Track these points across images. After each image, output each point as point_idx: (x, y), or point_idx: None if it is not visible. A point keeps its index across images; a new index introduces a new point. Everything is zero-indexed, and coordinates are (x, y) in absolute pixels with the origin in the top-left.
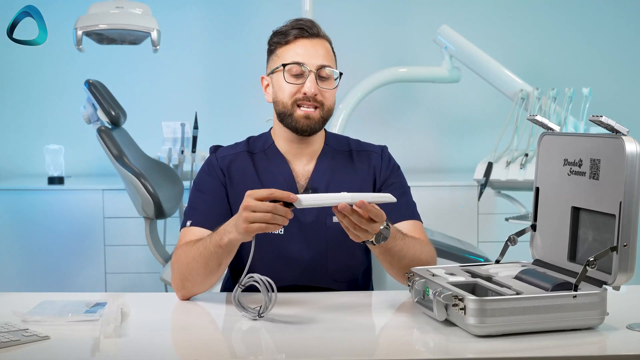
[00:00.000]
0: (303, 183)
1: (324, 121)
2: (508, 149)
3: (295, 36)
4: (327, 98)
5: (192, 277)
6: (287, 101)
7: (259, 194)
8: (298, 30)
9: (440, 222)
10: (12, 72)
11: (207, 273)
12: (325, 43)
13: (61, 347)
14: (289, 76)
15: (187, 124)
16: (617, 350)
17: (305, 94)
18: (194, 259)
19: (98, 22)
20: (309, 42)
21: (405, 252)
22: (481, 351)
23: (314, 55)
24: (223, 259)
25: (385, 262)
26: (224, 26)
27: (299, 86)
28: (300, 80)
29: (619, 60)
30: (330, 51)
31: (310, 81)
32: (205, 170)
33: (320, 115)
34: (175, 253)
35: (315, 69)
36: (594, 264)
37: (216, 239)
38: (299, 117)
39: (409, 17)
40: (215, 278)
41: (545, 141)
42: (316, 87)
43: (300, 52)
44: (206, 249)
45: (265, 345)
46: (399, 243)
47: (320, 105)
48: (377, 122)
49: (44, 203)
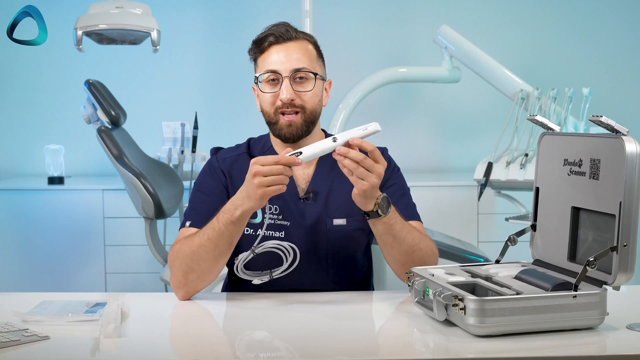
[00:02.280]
0: (304, 186)
1: (308, 125)
2: (508, 149)
3: (269, 43)
4: (307, 101)
5: (198, 265)
6: (269, 110)
7: (266, 160)
8: (272, 36)
9: (440, 222)
10: (12, 72)
11: (216, 256)
12: (303, 44)
13: (61, 347)
14: (265, 85)
15: (187, 124)
16: (617, 350)
17: (281, 100)
18: (200, 246)
19: (98, 22)
20: (282, 48)
21: (405, 234)
22: (481, 351)
23: (287, 60)
24: (234, 236)
25: (386, 244)
26: (224, 26)
27: (276, 94)
28: (276, 87)
29: (619, 60)
30: (308, 51)
31: (285, 87)
32: (207, 171)
33: (303, 120)
34: (173, 249)
35: (289, 74)
36: (594, 264)
37: (226, 217)
38: (282, 125)
39: (409, 17)
40: (223, 262)
41: (545, 141)
42: (291, 92)
43: (274, 60)
44: (214, 230)
45: (265, 345)
46: (399, 222)
47: (302, 109)
48: (377, 122)
49: (44, 203)
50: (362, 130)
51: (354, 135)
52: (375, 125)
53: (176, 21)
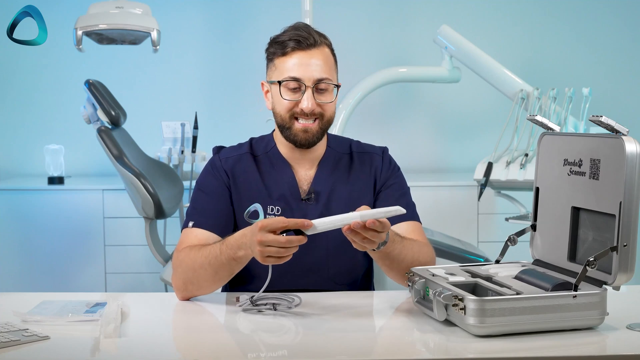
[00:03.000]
0: (306, 187)
1: (323, 132)
2: (508, 149)
3: (292, 48)
4: (327, 110)
5: (198, 282)
6: (285, 115)
7: (273, 226)
8: (295, 42)
9: (440, 222)
10: (12, 72)
11: (216, 281)
12: (324, 50)
13: (61, 347)
14: (285, 91)
15: (187, 124)
16: (617, 350)
17: (302, 110)
18: (202, 267)
19: (98, 22)
20: (305, 55)
21: (404, 255)
22: (481, 351)
23: (311, 69)
24: (235, 270)
25: (385, 266)
26: (224, 26)
27: (296, 101)
28: (297, 94)
29: (619, 60)
30: (329, 58)
31: (308, 97)
32: (209, 171)
33: (320, 127)
34: (179, 254)
35: (312, 84)
36: (594, 264)
37: (229, 253)
38: (297, 130)
39: (409, 17)
40: (223, 284)
41: (545, 141)
42: (313, 103)
43: (297, 66)
44: (217, 259)
45: (266, 345)
46: (397, 247)
47: (320, 116)
48: (377, 122)
49: (44, 203)
50: (385, 213)
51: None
52: (399, 209)
53: (176, 21)
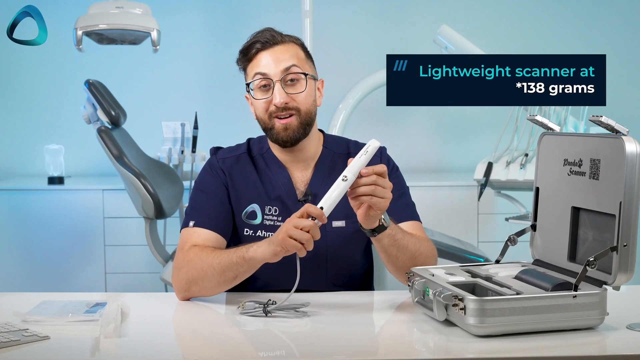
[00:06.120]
0: (302, 189)
1: (305, 126)
2: (508, 149)
3: (256, 50)
4: (301, 102)
5: (202, 282)
6: (264, 116)
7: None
8: (259, 43)
9: (440, 222)
10: (12, 72)
11: (220, 282)
12: (291, 46)
13: (61, 347)
14: (257, 92)
15: (187, 124)
16: (617, 350)
17: (275, 105)
18: (210, 265)
19: (98, 22)
20: (269, 53)
21: (407, 241)
22: (481, 351)
23: (276, 63)
24: (240, 272)
25: (392, 256)
26: (224, 26)
27: (269, 99)
28: (268, 92)
29: (619, 60)
30: (297, 53)
31: (277, 91)
32: (208, 170)
33: (299, 122)
34: (185, 254)
35: (279, 77)
36: (594, 264)
37: (242, 251)
38: (279, 129)
39: (409, 17)
40: (225, 288)
41: (545, 141)
42: (284, 96)
43: (262, 65)
44: (228, 258)
45: (266, 345)
46: (399, 230)
47: (296, 111)
48: (377, 122)
49: (44, 203)
50: (365, 154)
51: (360, 164)
52: (374, 142)
53: (176, 21)
